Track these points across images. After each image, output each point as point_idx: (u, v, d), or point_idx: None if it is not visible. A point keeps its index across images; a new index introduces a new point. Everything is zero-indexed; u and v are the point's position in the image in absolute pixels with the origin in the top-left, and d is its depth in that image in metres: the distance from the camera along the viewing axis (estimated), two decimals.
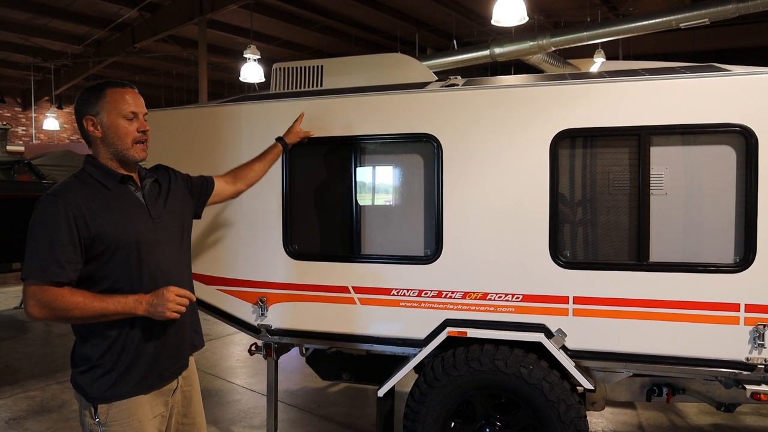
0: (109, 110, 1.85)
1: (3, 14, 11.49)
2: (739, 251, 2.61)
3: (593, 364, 2.87)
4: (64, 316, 1.72)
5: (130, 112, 1.86)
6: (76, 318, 1.74)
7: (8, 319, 7.54)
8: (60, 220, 1.73)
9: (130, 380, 1.83)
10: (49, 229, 1.73)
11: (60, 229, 1.72)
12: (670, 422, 4.11)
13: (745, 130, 2.56)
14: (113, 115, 1.85)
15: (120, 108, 1.85)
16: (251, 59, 10.97)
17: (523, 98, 2.84)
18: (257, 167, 2.64)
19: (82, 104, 1.88)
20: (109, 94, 1.86)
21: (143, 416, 1.85)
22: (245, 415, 4.32)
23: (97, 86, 1.89)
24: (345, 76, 3.41)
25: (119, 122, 1.85)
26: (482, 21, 11.70)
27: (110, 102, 1.85)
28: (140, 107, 1.90)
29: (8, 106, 18.62)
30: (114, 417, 1.82)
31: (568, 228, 2.85)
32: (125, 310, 1.75)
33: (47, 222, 1.74)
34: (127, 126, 1.86)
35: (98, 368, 1.81)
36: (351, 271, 3.12)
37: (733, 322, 2.61)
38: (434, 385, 2.89)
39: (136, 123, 1.88)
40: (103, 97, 1.85)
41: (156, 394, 1.92)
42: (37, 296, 1.71)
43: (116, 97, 1.86)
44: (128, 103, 1.86)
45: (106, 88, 1.87)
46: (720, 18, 7.94)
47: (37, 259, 1.71)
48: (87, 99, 1.87)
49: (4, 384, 4.97)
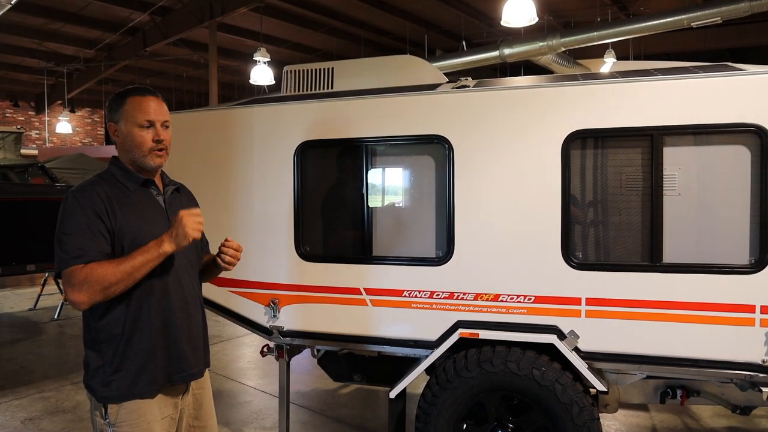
0: (126, 119, 1.89)
1: (17, 20, 11.65)
2: (755, 252, 2.58)
3: (606, 366, 2.85)
4: (102, 288, 1.71)
5: (145, 120, 1.88)
6: (113, 284, 1.72)
7: (23, 320, 7.63)
8: (89, 213, 1.77)
9: (140, 381, 1.85)
10: (80, 222, 1.77)
11: (90, 221, 1.77)
12: (684, 425, 4.07)
13: (759, 130, 2.54)
14: (129, 124, 1.89)
15: (135, 117, 1.88)
16: (261, 62, 11.04)
17: (535, 99, 2.84)
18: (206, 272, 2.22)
19: (108, 110, 1.94)
20: (128, 102, 1.89)
21: (152, 417, 1.87)
22: (257, 417, 4.33)
23: (123, 93, 1.93)
24: (356, 78, 3.42)
25: (134, 131, 1.89)
26: (491, 22, 11.69)
27: (128, 111, 1.89)
28: (159, 115, 1.91)
29: (22, 110, 18.88)
30: (124, 417, 1.84)
31: (580, 229, 2.83)
32: (151, 255, 1.76)
33: (76, 215, 1.78)
34: (142, 135, 1.89)
35: (108, 369, 1.83)
36: (363, 273, 3.12)
37: (748, 324, 2.58)
38: (446, 386, 2.88)
39: (152, 132, 1.89)
40: (123, 105, 1.89)
41: (165, 395, 1.94)
42: (71, 280, 1.73)
43: (134, 106, 1.89)
44: (144, 112, 1.89)
45: (128, 96, 1.91)
46: (732, 16, 7.86)
47: (75, 249, 1.74)
48: (111, 105, 1.92)
49: (19, 385, 5.04)
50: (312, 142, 3.19)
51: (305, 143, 3.20)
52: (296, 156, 3.22)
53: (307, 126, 3.20)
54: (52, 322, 7.49)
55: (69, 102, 17.49)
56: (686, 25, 8.22)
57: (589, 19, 11.10)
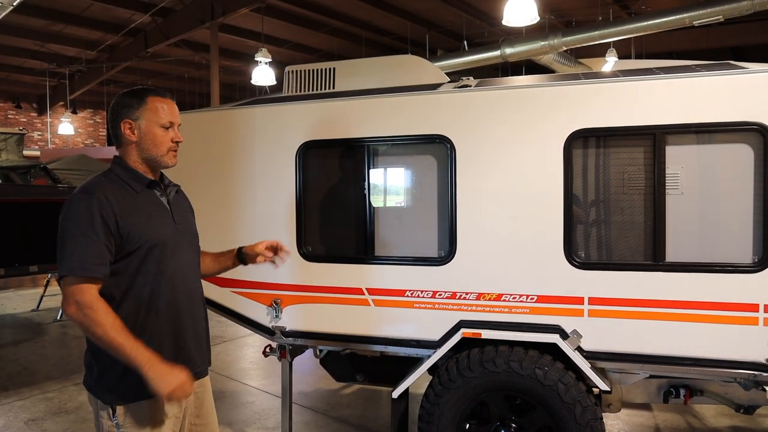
0: (149, 118, 1.91)
1: (19, 21, 11.68)
2: (758, 251, 2.58)
3: (609, 366, 2.85)
4: (89, 327, 1.72)
5: (168, 121, 1.93)
6: (94, 336, 1.73)
7: (26, 321, 7.64)
8: (95, 218, 1.76)
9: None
10: (84, 227, 1.76)
11: (95, 226, 1.76)
12: (688, 424, 4.06)
13: (762, 128, 2.53)
14: (152, 123, 1.91)
15: (159, 117, 1.92)
16: (262, 62, 11.05)
17: (536, 98, 2.83)
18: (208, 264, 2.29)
19: (122, 107, 1.93)
20: (150, 102, 1.92)
21: (159, 417, 1.88)
22: (259, 417, 4.34)
23: (139, 92, 1.95)
24: (357, 78, 3.42)
25: (156, 131, 1.92)
26: (493, 21, 11.68)
27: (151, 110, 1.91)
28: (176, 118, 1.97)
29: (24, 111, 18.93)
30: (132, 418, 1.85)
31: (582, 228, 2.83)
32: (135, 360, 1.71)
33: (82, 219, 1.77)
34: (163, 135, 1.93)
35: (118, 370, 1.83)
36: (365, 273, 3.12)
37: (752, 323, 2.57)
38: (449, 386, 2.88)
39: (171, 133, 1.95)
40: (145, 104, 1.91)
41: None
42: (76, 296, 1.73)
43: (157, 106, 1.92)
44: (167, 113, 1.93)
45: (147, 95, 1.93)
46: (734, 15, 7.85)
47: (77, 257, 1.74)
48: (128, 103, 1.92)
49: (22, 385, 5.05)
50: (314, 142, 3.20)
51: (307, 143, 3.20)
52: (298, 156, 3.22)
53: (309, 126, 3.20)
54: (54, 322, 7.50)
55: (71, 103, 17.52)
56: (688, 23, 8.21)
57: (591, 18, 11.08)
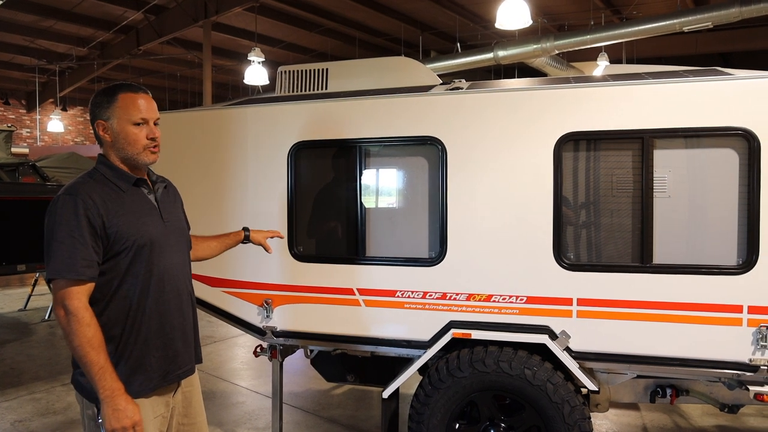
0: (120, 116, 1.85)
1: (9, 16, 11.57)
2: (742, 253, 2.62)
3: (597, 366, 2.88)
4: (68, 334, 1.73)
5: (140, 118, 1.86)
6: (71, 344, 1.73)
7: (12, 321, 7.57)
8: (81, 219, 1.75)
9: (134, 381, 1.85)
10: (71, 228, 1.74)
11: (82, 228, 1.74)
12: (674, 424, 4.12)
13: (747, 134, 2.58)
14: (123, 122, 1.86)
15: (130, 114, 1.86)
16: (255, 62, 11.02)
17: (527, 101, 2.86)
18: (213, 246, 2.40)
19: (95, 107, 1.89)
20: (121, 99, 1.86)
21: (145, 416, 1.87)
22: (250, 417, 4.33)
23: (111, 89, 1.89)
24: (350, 79, 3.43)
25: (129, 129, 1.86)
26: (486, 24, 11.74)
27: (121, 108, 1.85)
28: (151, 113, 1.90)
29: (13, 108, 18.74)
30: None
31: (571, 230, 2.86)
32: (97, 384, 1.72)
33: (68, 221, 1.75)
34: (136, 132, 1.87)
35: None
36: (356, 273, 3.13)
37: (736, 324, 2.62)
38: (439, 386, 2.90)
39: (145, 129, 1.88)
40: (115, 102, 1.86)
41: (158, 394, 1.94)
42: (65, 301, 1.73)
43: (127, 103, 1.86)
44: (138, 109, 1.87)
45: (118, 92, 1.87)
46: (723, 22, 7.96)
47: (65, 259, 1.72)
48: (99, 102, 1.88)
49: (8, 386, 5.00)
50: (306, 142, 3.20)
51: (299, 144, 3.21)
52: (290, 156, 3.22)
53: (301, 126, 3.21)
54: (42, 322, 7.44)
55: (61, 100, 17.36)
56: (678, 29, 8.31)
57: (583, 23, 11.17)
